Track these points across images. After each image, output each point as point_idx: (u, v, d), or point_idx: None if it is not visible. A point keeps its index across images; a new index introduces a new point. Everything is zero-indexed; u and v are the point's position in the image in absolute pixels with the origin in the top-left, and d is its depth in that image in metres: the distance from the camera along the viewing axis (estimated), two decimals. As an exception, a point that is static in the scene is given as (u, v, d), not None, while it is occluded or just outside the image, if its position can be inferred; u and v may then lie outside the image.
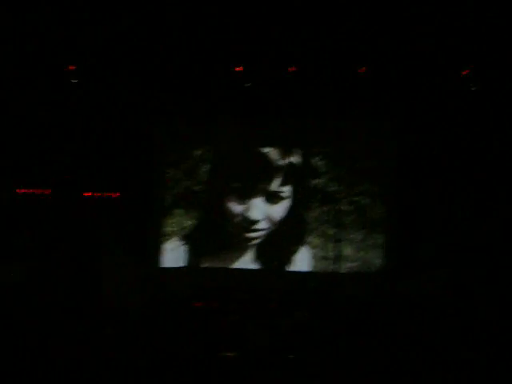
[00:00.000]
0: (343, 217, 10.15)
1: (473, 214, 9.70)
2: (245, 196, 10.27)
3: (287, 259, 10.31)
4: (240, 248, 10.36)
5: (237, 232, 10.32)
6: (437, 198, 9.88)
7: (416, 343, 6.99)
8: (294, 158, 10.28)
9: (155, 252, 10.34)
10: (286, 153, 10.30)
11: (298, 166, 10.28)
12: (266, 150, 10.34)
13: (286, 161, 10.27)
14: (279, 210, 10.27)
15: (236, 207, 10.29)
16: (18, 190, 10.03)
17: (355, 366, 6.25)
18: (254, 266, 10.34)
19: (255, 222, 10.21)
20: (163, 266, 10.34)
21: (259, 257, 10.34)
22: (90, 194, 10.15)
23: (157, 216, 10.43)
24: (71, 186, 10.13)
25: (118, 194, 10.21)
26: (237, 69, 9.61)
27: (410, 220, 9.98)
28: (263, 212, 10.22)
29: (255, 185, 10.23)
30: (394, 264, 9.95)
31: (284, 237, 10.32)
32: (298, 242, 10.30)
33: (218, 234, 10.40)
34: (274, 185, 10.21)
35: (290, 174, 10.25)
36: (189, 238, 10.37)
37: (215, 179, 10.42)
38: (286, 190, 10.23)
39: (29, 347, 6.52)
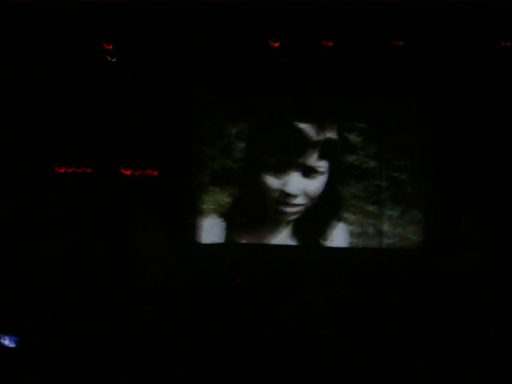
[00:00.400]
0: (381, 193, 10.13)
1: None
2: (281, 171, 10.26)
3: (325, 235, 10.31)
4: (277, 223, 10.37)
5: (274, 207, 10.32)
6: (478, 174, 9.76)
7: (456, 320, 6.96)
8: (331, 133, 10.24)
9: (193, 229, 10.39)
10: (322, 128, 10.26)
11: (335, 142, 10.24)
12: (302, 124, 10.30)
13: (323, 136, 10.23)
14: (316, 186, 10.26)
15: (272, 183, 10.29)
16: (56, 169, 10.13)
17: (393, 342, 6.27)
18: (291, 241, 10.36)
19: (292, 196, 10.20)
20: (201, 242, 10.42)
21: (296, 232, 10.35)
22: (129, 171, 10.22)
23: (194, 193, 10.46)
24: (110, 165, 10.19)
25: (156, 173, 10.27)
26: (275, 44, 9.58)
27: (449, 195, 9.87)
28: (300, 187, 10.21)
29: (291, 160, 10.22)
30: (433, 240, 9.90)
31: (321, 212, 10.31)
32: (335, 217, 10.28)
33: (255, 209, 10.42)
34: (311, 160, 10.19)
35: (326, 149, 10.21)
36: (226, 215, 10.40)
37: (251, 155, 10.43)
38: (323, 166, 10.21)
39: (68, 325, 6.63)
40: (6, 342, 6.11)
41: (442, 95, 10.02)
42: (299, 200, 10.23)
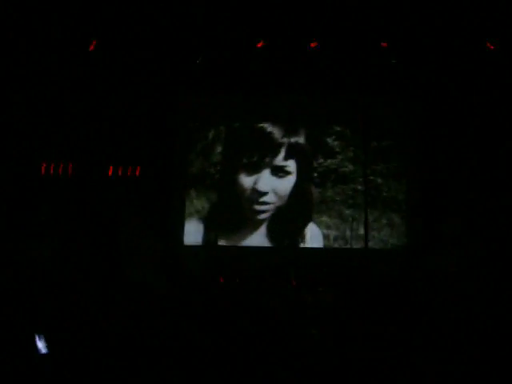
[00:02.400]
0: (358, 196, 10.28)
1: (498, 189, 9.76)
2: (252, 170, 10.48)
3: (299, 236, 10.47)
4: (252, 224, 10.52)
5: (247, 206, 10.50)
6: (460, 174, 9.96)
7: (441, 319, 7.10)
8: (299, 136, 10.45)
9: (177, 229, 10.51)
10: (289, 130, 10.50)
11: (301, 144, 10.44)
12: (271, 127, 10.51)
13: (289, 138, 10.43)
14: (285, 185, 10.48)
15: (245, 181, 10.49)
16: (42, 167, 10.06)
17: (380, 342, 6.38)
18: (266, 242, 10.48)
19: (262, 194, 10.39)
20: (185, 243, 10.50)
21: (271, 233, 10.49)
22: (111, 170, 10.20)
23: (177, 195, 10.59)
24: (94, 163, 10.16)
25: (137, 172, 10.27)
26: (258, 44, 9.64)
27: (432, 197, 10.12)
28: (269, 185, 10.43)
29: (261, 160, 10.42)
30: (416, 242, 10.12)
31: (293, 213, 10.46)
32: (307, 218, 10.47)
33: (231, 211, 10.53)
34: (278, 160, 10.42)
35: (292, 150, 10.45)
36: (207, 217, 10.55)
37: (227, 158, 10.54)
38: (290, 165, 10.43)
39: (55, 326, 6.58)
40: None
41: (422, 97, 10.27)
42: (269, 198, 10.37)
